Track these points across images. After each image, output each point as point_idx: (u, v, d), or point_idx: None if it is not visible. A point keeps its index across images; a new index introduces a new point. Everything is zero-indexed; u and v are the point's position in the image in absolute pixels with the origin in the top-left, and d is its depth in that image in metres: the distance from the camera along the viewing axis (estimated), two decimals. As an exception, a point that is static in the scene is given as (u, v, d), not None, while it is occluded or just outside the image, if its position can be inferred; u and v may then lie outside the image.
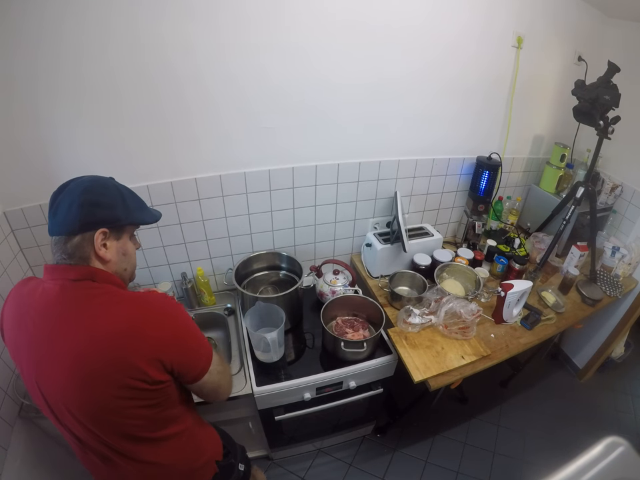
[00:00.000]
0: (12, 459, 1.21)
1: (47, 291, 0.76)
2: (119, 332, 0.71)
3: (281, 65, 1.36)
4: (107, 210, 0.77)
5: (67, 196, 0.75)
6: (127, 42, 1.18)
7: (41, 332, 0.74)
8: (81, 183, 0.77)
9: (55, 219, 0.75)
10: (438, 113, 1.68)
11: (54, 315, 0.74)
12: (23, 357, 0.78)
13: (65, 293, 0.74)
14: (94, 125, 1.29)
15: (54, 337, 0.73)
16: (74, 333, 0.71)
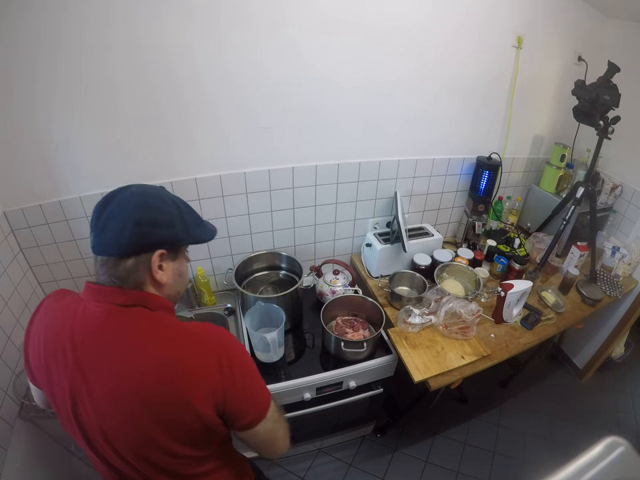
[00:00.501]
0: (12, 458, 1.21)
1: (89, 315, 0.67)
2: (173, 368, 0.64)
3: (280, 64, 1.36)
4: (166, 229, 0.68)
5: (119, 210, 0.65)
6: (125, 41, 1.18)
7: (83, 360, 0.66)
8: (132, 196, 0.67)
9: (102, 237, 0.66)
10: (438, 113, 1.68)
11: (99, 343, 0.66)
12: (55, 383, 0.70)
13: (112, 320, 0.66)
14: (92, 125, 1.29)
15: (98, 367, 0.65)
16: (122, 365, 0.64)
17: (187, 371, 0.64)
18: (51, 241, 1.48)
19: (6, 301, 1.33)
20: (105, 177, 1.40)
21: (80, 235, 1.50)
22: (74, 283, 1.62)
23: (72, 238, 1.49)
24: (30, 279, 1.51)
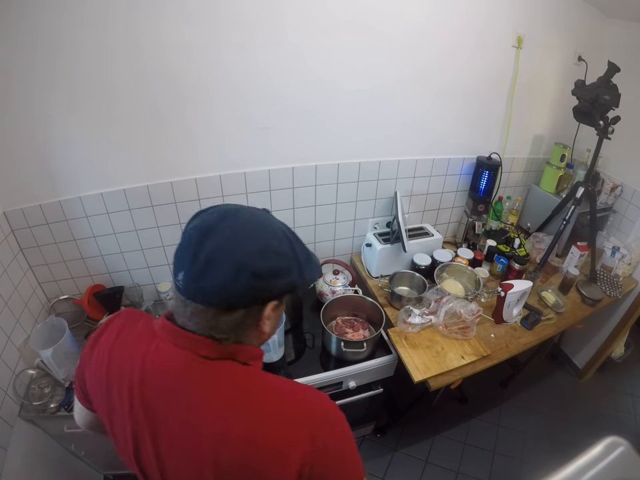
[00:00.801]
0: (12, 458, 1.21)
1: (165, 358, 0.57)
2: (257, 439, 0.53)
3: (280, 66, 1.36)
4: (286, 277, 0.55)
5: (227, 252, 0.50)
6: (124, 42, 1.18)
7: (151, 406, 0.57)
8: (242, 231, 0.53)
9: (201, 282, 0.51)
10: (438, 113, 1.68)
11: (172, 394, 0.56)
12: (117, 418, 0.61)
13: (193, 372, 0.56)
14: (92, 125, 1.29)
15: (168, 419, 0.56)
16: (197, 424, 0.54)
17: (272, 445, 0.53)
18: (51, 241, 1.48)
19: (6, 301, 1.33)
20: (105, 177, 1.40)
21: (80, 235, 1.50)
22: (74, 283, 1.62)
23: (72, 238, 1.49)
24: (30, 279, 1.51)
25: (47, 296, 1.61)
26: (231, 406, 0.54)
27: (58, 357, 1.32)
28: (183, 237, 0.55)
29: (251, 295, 0.53)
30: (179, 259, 0.54)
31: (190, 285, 0.52)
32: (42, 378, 1.37)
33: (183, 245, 0.54)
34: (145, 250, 1.61)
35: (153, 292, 1.73)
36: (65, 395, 1.34)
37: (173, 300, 0.58)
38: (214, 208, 0.57)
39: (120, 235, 1.54)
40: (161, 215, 1.54)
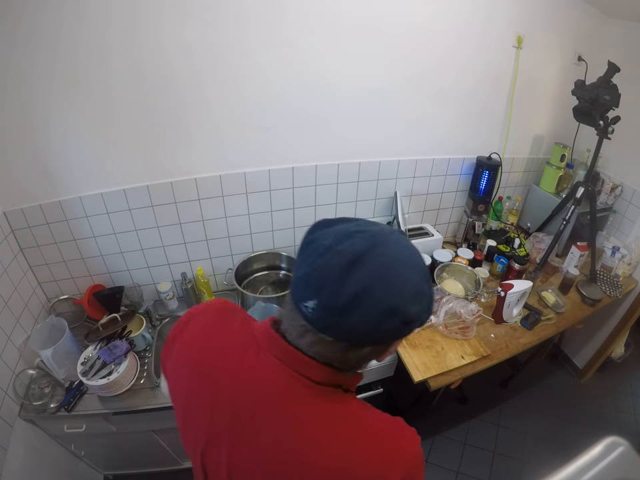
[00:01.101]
0: (12, 458, 1.21)
1: (266, 372, 0.53)
2: (357, 477, 0.49)
3: (280, 66, 1.36)
4: (427, 315, 0.51)
5: (377, 295, 0.44)
6: (124, 42, 1.18)
7: (240, 419, 0.53)
8: (397, 274, 0.46)
9: (343, 319, 0.45)
10: (438, 114, 1.68)
11: (264, 409, 0.52)
12: (193, 413, 0.59)
13: (298, 394, 0.52)
14: (92, 125, 1.29)
15: (251, 433, 0.52)
16: (285, 448, 0.51)
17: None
18: (51, 241, 1.48)
19: (6, 301, 1.33)
20: (104, 177, 1.40)
21: (80, 235, 1.50)
22: (74, 283, 1.62)
23: (72, 238, 1.49)
24: (30, 279, 1.51)
25: (47, 296, 1.61)
26: (329, 437, 0.50)
27: (58, 356, 1.32)
28: (318, 258, 0.46)
29: (393, 336, 0.49)
30: (311, 285, 0.46)
31: (324, 317, 0.46)
32: (42, 378, 1.37)
33: (318, 268, 0.45)
34: (144, 250, 1.61)
35: (153, 292, 1.73)
36: (64, 395, 1.34)
37: (286, 316, 0.53)
38: (356, 224, 0.49)
39: (120, 235, 1.54)
40: (161, 215, 1.54)
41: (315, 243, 0.47)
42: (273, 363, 0.53)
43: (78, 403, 1.33)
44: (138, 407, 1.33)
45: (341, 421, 0.52)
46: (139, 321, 1.55)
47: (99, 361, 1.32)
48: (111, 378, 1.28)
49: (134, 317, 1.53)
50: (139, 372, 1.41)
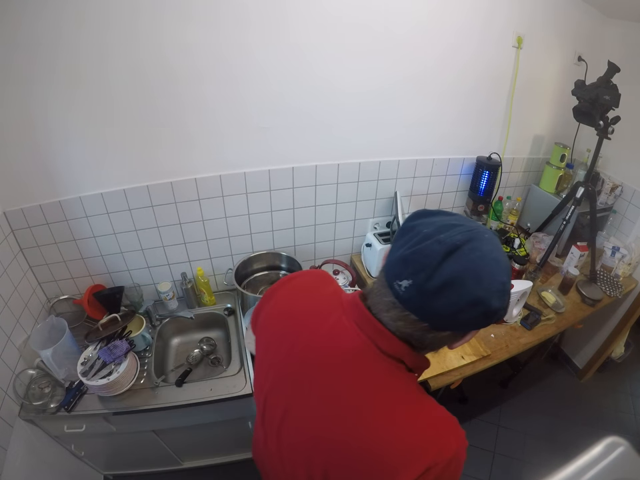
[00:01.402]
0: (12, 458, 1.21)
1: (342, 333, 0.58)
2: (375, 457, 0.52)
3: (281, 65, 1.36)
4: (504, 312, 0.52)
5: (467, 286, 0.47)
6: (125, 42, 1.18)
7: (305, 360, 0.60)
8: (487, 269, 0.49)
9: (432, 301, 0.48)
10: (438, 114, 1.68)
11: (329, 370, 0.58)
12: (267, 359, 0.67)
13: (366, 358, 0.56)
14: (92, 125, 1.29)
15: (311, 392, 0.58)
16: (332, 413, 0.56)
17: (388, 461, 0.52)
18: (51, 241, 1.48)
19: (6, 301, 1.33)
20: (104, 177, 1.40)
21: (80, 235, 1.50)
22: (74, 283, 1.62)
23: (72, 238, 1.49)
24: (30, 279, 1.51)
25: (47, 296, 1.61)
26: (380, 404, 0.54)
27: (58, 356, 1.32)
28: (418, 244, 0.49)
29: (471, 326, 0.53)
30: (408, 266, 0.49)
31: (415, 297, 0.50)
32: (42, 378, 1.37)
33: (418, 252, 0.49)
34: (144, 250, 1.62)
35: (153, 292, 1.73)
36: (64, 395, 1.34)
37: (374, 291, 0.57)
38: (455, 218, 0.53)
39: (120, 235, 1.54)
40: (161, 215, 1.54)
41: (416, 230, 0.51)
42: (351, 327, 0.58)
43: (78, 403, 1.33)
44: (138, 407, 1.33)
45: (396, 393, 0.56)
46: (138, 321, 1.55)
47: (99, 361, 1.32)
48: (111, 378, 1.28)
49: (134, 317, 1.53)
50: (138, 372, 1.41)
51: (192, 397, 1.36)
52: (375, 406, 0.54)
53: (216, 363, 1.60)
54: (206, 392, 1.37)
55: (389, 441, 0.53)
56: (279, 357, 0.65)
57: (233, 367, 1.47)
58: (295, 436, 0.61)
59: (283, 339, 0.65)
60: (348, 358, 0.57)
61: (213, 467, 1.82)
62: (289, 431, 0.62)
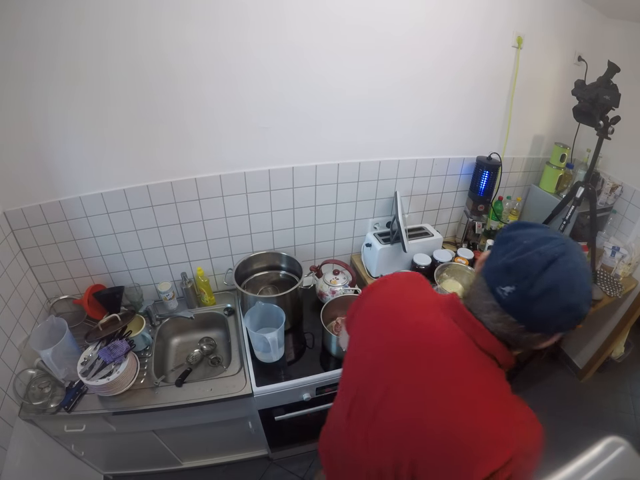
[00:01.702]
0: (12, 458, 1.21)
1: (440, 327, 0.65)
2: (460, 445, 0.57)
3: (281, 65, 1.36)
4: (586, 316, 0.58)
5: (562, 293, 0.53)
6: (124, 41, 1.18)
7: (400, 360, 0.66)
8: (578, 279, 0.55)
9: (532, 306, 0.54)
10: (438, 114, 1.68)
11: (434, 357, 0.64)
12: (364, 347, 0.74)
13: (463, 351, 0.62)
14: (92, 125, 1.29)
15: (408, 377, 0.64)
16: (429, 402, 0.61)
17: (472, 454, 0.56)
18: (51, 241, 1.48)
19: (6, 301, 1.33)
20: (104, 177, 1.40)
21: (80, 235, 1.50)
22: (74, 283, 1.62)
23: (72, 238, 1.49)
24: (30, 279, 1.51)
25: (47, 296, 1.61)
26: (475, 397, 0.60)
27: (58, 356, 1.32)
28: (521, 254, 0.55)
29: (561, 328, 0.58)
30: (512, 274, 0.55)
31: (517, 302, 0.56)
32: (42, 378, 1.37)
33: (521, 262, 0.55)
34: (144, 250, 1.62)
35: (153, 292, 1.73)
36: (64, 395, 1.34)
37: (474, 294, 0.63)
38: (549, 231, 0.59)
39: (120, 235, 1.54)
40: (161, 215, 1.54)
41: (516, 240, 0.57)
42: (449, 324, 0.64)
43: (78, 403, 1.33)
44: (138, 407, 1.33)
45: (488, 385, 0.62)
46: (139, 321, 1.55)
47: (99, 361, 1.32)
48: (111, 378, 1.28)
49: (134, 316, 1.53)
50: (138, 372, 1.41)
51: (192, 397, 1.36)
52: (467, 395, 0.60)
53: (216, 362, 1.60)
54: (206, 392, 1.38)
55: (477, 429, 0.57)
56: (379, 346, 0.71)
57: (233, 367, 1.47)
58: (389, 422, 0.66)
59: (382, 331, 0.71)
60: (446, 350, 0.63)
61: (213, 467, 1.82)
62: (385, 417, 0.67)
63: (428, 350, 0.64)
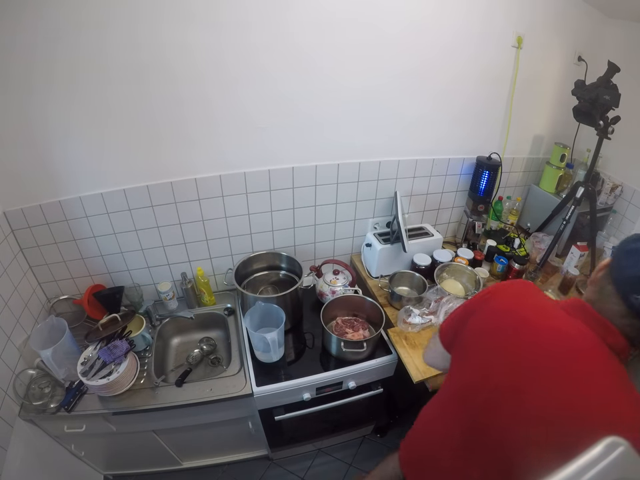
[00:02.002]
0: (12, 458, 1.21)
1: (572, 329, 0.70)
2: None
3: (281, 65, 1.36)
4: None
5: None
6: (125, 41, 1.18)
7: (536, 358, 0.69)
8: None
9: None
10: (438, 114, 1.68)
11: (568, 360, 0.67)
12: (484, 359, 0.77)
13: (597, 350, 0.67)
14: (92, 124, 1.29)
15: (547, 383, 0.67)
16: (570, 389, 0.65)
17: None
18: (51, 241, 1.48)
19: (6, 301, 1.33)
20: (104, 177, 1.40)
21: (80, 235, 1.50)
22: (74, 283, 1.62)
23: (72, 238, 1.49)
24: (30, 279, 1.51)
25: (47, 296, 1.61)
26: (611, 393, 0.63)
27: (58, 356, 1.32)
28: None
29: None
30: None
31: None
32: (42, 378, 1.37)
33: None
34: (144, 250, 1.62)
35: (153, 292, 1.73)
36: (64, 395, 1.34)
37: (602, 299, 0.69)
38: None
39: (120, 235, 1.54)
40: (161, 215, 1.54)
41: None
42: (579, 326, 0.69)
43: (78, 403, 1.33)
44: (138, 407, 1.33)
45: (616, 377, 0.65)
46: (138, 321, 1.55)
47: (99, 361, 1.32)
48: (110, 378, 1.29)
49: (134, 317, 1.53)
50: (138, 372, 1.41)
51: (192, 397, 1.36)
52: (599, 386, 0.63)
53: (216, 362, 1.60)
54: (206, 392, 1.38)
55: (610, 415, 0.61)
56: (504, 347, 0.74)
57: (233, 367, 1.47)
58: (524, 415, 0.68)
59: (505, 333, 0.75)
60: (585, 351, 0.67)
61: (213, 467, 1.82)
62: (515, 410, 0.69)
63: (566, 352, 0.68)
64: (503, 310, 0.79)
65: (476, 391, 0.78)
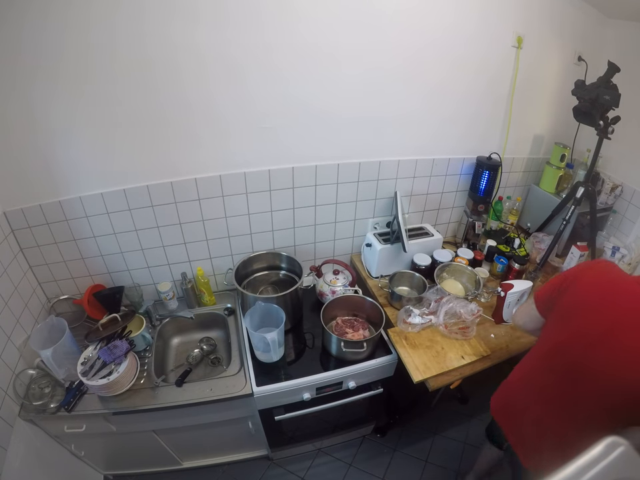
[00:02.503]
0: (12, 458, 1.21)
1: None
2: None
3: (280, 65, 1.36)
4: None
5: None
6: (130, 41, 1.18)
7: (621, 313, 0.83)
8: None
9: None
10: (438, 114, 1.68)
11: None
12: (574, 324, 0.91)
13: None
14: (93, 124, 1.29)
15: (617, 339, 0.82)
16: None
17: None
18: (51, 241, 1.48)
19: (6, 301, 1.33)
20: (105, 177, 1.40)
21: (80, 235, 1.50)
22: (74, 283, 1.62)
23: (72, 238, 1.49)
24: (30, 279, 1.51)
25: (47, 296, 1.61)
26: None
27: (58, 356, 1.33)
28: None
29: None
30: None
31: None
32: (42, 378, 1.37)
33: None
34: (144, 250, 1.62)
35: (153, 292, 1.73)
36: (64, 395, 1.34)
37: None
38: None
39: (120, 235, 1.54)
40: (161, 215, 1.54)
41: None
42: None
43: (78, 403, 1.33)
44: (138, 407, 1.33)
45: None
46: (138, 321, 1.55)
47: (99, 361, 1.32)
48: (110, 378, 1.28)
49: (134, 316, 1.53)
50: (138, 372, 1.41)
51: (192, 397, 1.36)
52: None
53: (216, 362, 1.61)
54: (206, 392, 1.38)
55: None
56: (604, 310, 0.87)
57: (233, 367, 1.47)
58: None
59: (604, 299, 0.88)
60: None
61: (213, 467, 1.82)
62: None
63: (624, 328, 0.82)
64: (599, 280, 0.92)
65: (573, 345, 0.90)
